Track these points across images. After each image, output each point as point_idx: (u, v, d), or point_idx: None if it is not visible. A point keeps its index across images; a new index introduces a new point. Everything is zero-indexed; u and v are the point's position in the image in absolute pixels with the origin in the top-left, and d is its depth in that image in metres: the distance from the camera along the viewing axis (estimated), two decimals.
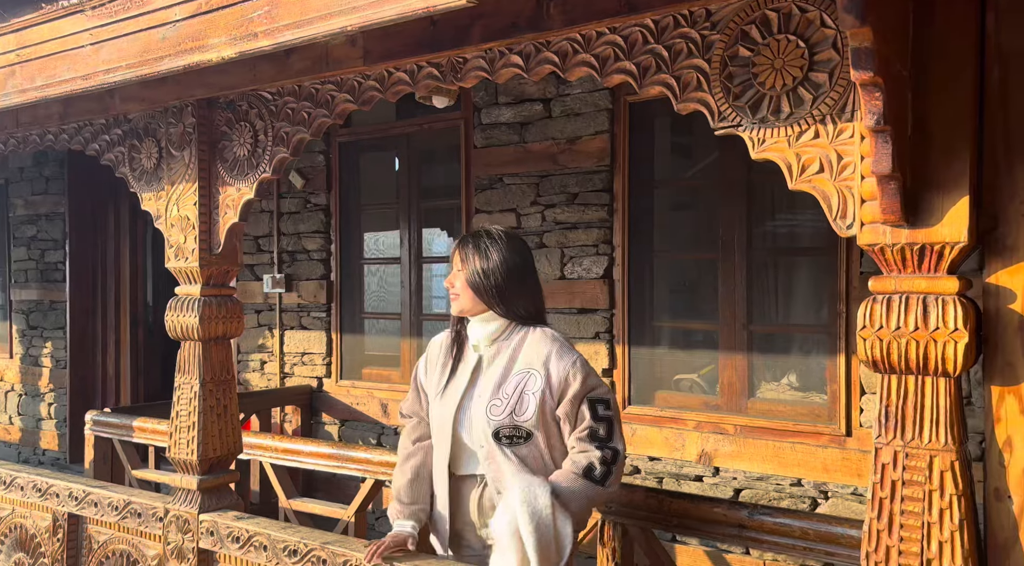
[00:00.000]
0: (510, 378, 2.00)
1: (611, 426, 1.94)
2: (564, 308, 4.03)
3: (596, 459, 1.90)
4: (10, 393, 6.92)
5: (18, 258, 6.78)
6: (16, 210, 6.78)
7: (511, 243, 2.09)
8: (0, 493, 3.18)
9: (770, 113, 1.64)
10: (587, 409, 1.94)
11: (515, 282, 2.05)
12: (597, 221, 3.95)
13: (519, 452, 1.96)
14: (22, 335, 6.78)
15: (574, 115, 4.01)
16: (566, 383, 1.95)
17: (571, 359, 1.99)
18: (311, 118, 2.36)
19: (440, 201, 4.79)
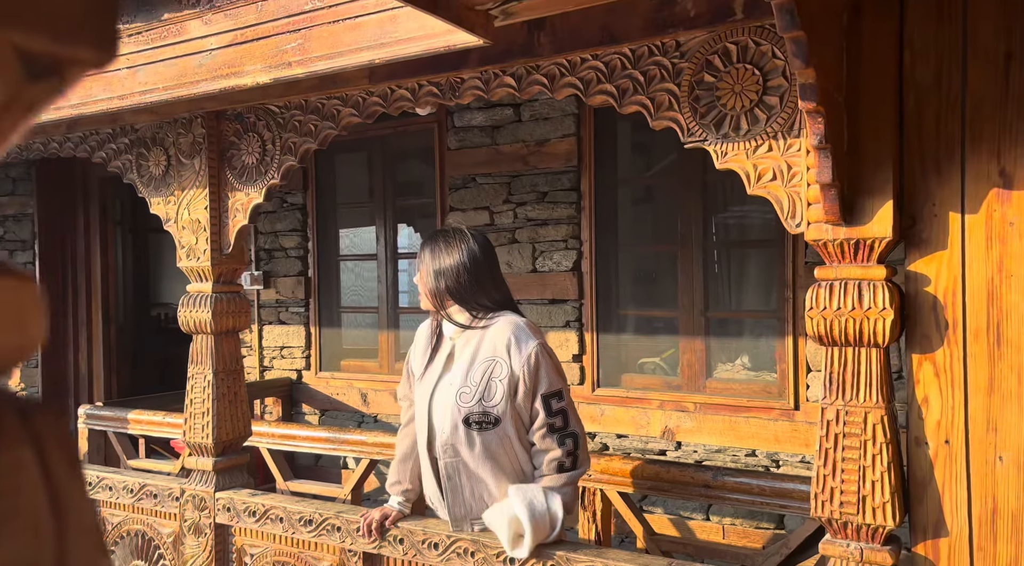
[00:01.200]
0: (476, 365, 2.14)
1: (566, 416, 2.12)
2: (536, 299, 4.33)
3: (561, 454, 2.10)
4: None
5: None
6: None
7: (466, 242, 2.21)
8: None
9: (731, 130, 1.95)
10: (541, 406, 2.10)
11: (469, 281, 2.18)
12: (566, 218, 4.25)
13: (486, 437, 2.11)
14: None
15: (543, 119, 4.30)
16: (523, 375, 2.10)
17: (527, 351, 2.10)
18: (317, 130, 2.60)
19: (415, 199, 5.04)
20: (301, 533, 2.59)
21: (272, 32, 2.00)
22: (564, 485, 2.11)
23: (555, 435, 2.11)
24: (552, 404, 2.11)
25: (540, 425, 2.12)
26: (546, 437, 2.12)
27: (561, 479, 2.11)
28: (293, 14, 1.96)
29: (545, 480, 2.12)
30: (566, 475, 2.12)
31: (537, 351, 2.11)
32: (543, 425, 2.11)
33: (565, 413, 2.13)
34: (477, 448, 2.12)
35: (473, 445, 2.12)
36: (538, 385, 2.11)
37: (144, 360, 7.09)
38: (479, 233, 2.30)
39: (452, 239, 2.23)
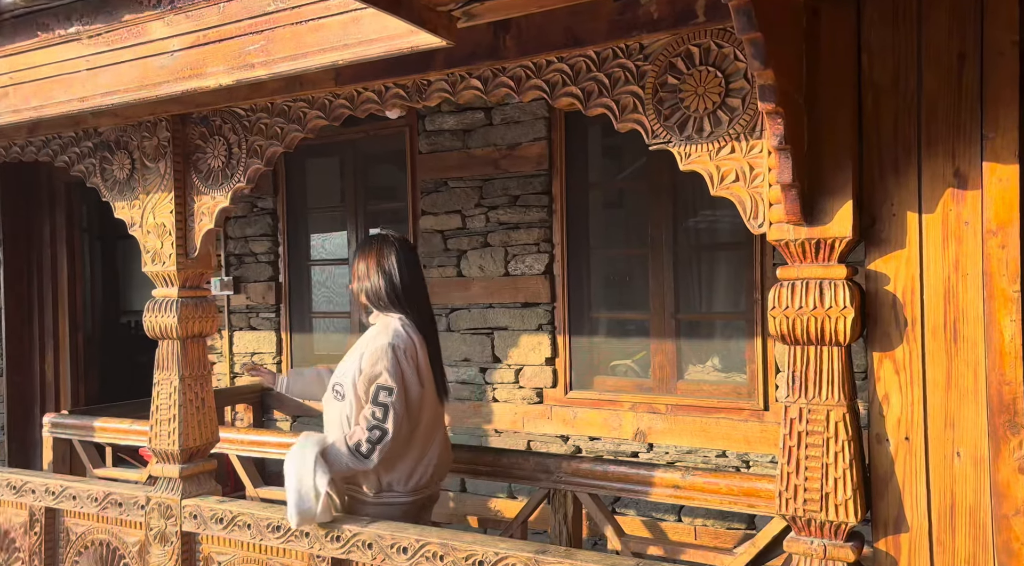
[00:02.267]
0: (355, 350, 2.52)
1: (387, 412, 2.35)
2: (509, 303, 4.33)
3: (364, 439, 2.35)
4: None
5: None
6: None
7: (364, 249, 2.62)
8: None
9: (694, 132, 1.96)
10: (372, 394, 2.37)
11: (363, 280, 2.58)
12: (538, 221, 4.26)
13: (336, 406, 2.49)
14: None
15: (514, 123, 4.31)
16: (364, 366, 2.40)
17: (373, 347, 2.41)
18: (284, 133, 2.58)
19: (387, 204, 5.02)
20: (269, 539, 2.56)
21: (235, 34, 1.99)
22: (345, 463, 2.37)
23: (372, 420, 2.36)
24: (380, 396, 2.36)
25: (366, 411, 2.38)
26: (365, 419, 2.37)
27: (344, 456, 2.36)
28: (256, 15, 1.95)
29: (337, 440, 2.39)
30: (353, 459, 2.36)
31: (385, 346, 2.40)
32: (368, 411, 2.37)
33: (387, 409, 2.35)
34: (331, 412, 2.54)
35: (331, 408, 2.53)
36: (377, 376, 2.37)
37: (113, 368, 6.98)
38: (402, 240, 2.65)
39: (373, 245, 2.60)
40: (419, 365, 2.47)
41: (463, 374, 4.47)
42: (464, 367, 4.47)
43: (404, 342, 2.44)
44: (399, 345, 2.42)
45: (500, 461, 2.98)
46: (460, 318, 4.47)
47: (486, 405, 4.41)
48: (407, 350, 2.43)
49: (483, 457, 3.01)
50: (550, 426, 4.25)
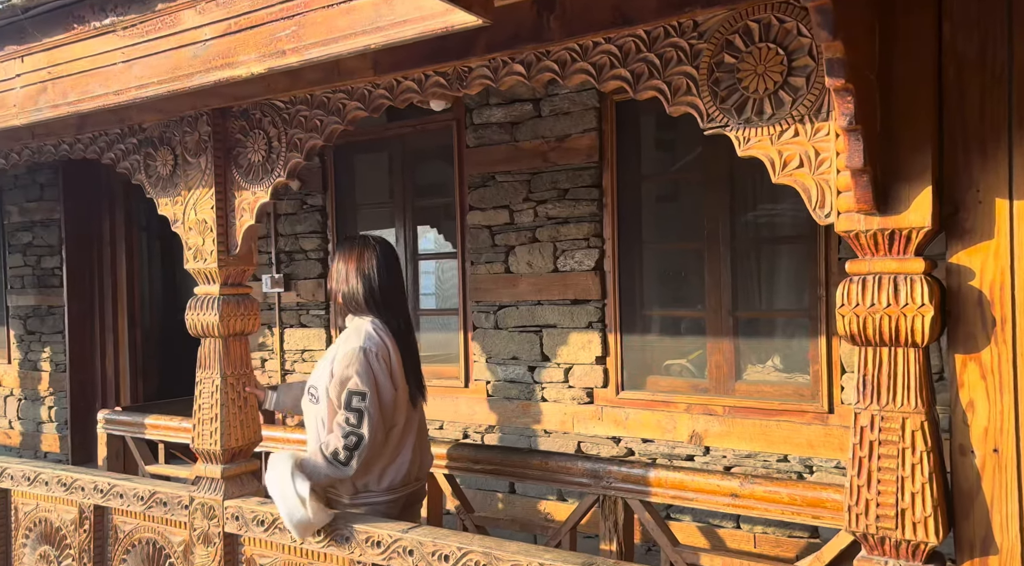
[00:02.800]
0: (328, 352, 2.51)
1: (361, 417, 2.31)
2: (558, 300, 4.21)
3: (341, 446, 2.31)
4: (9, 398, 7.00)
5: (14, 264, 6.86)
6: (11, 217, 6.86)
7: (343, 251, 2.58)
8: (24, 489, 3.31)
9: (754, 114, 1.81)
10: (344, 398, 2.33)
11: (341, 283, 2.54)
12: (587, 215, 4.12)
13: (312, 409, 2.48)
14: (20, 340, 6.86)
15: (563, 114, 4.18)
16: (335, 370, 2.37)
17: (346, 350, 2.37)
18: (323, 125, 2.51)
19: (434, 199, 4.94)
20: (310, 543, 2.49)
21: (266, 19, 1.92)
22: (323, 472, 2.33)
23: (345, 427, 2.31)
24: (352, 401, 2.32)
25: (339, 417, 2.34)
26: (339, 426, 2.33)
27: (321, 467, 2.33)
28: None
29: (311, 451, 2.38)
30: (331, 467, 2.32)
31: (356, 350, 2.36)
32: (341, 417, 2.33)
33: (361, 414, 2.31)
34: (307, 414, 2.54)
35: (308, 410, 2.53)
36: (347, 380, 2.34)
37: (171, 364, 7.09)
38: (382, 242, 2.60)
39: (353, 247, 2.56)
40: (392, 368, 2.42)
41: (511, 373, 4.37)
42: (512, 365, 4.36)
43: (375, 345, 2.40)
44: (370, 348, 2.38)
45: (548, 465, 2.87)
46: (508, 315, 4.37)
47: (535, 405, 4.30)
48: (379, 353, 2.39)
49: (530, 460, 2.90)
50: (601, 427, 4.12)
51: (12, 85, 2.43)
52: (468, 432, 4.53)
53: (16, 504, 3.37)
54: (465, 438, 4.54)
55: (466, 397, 4.53)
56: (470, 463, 3.00)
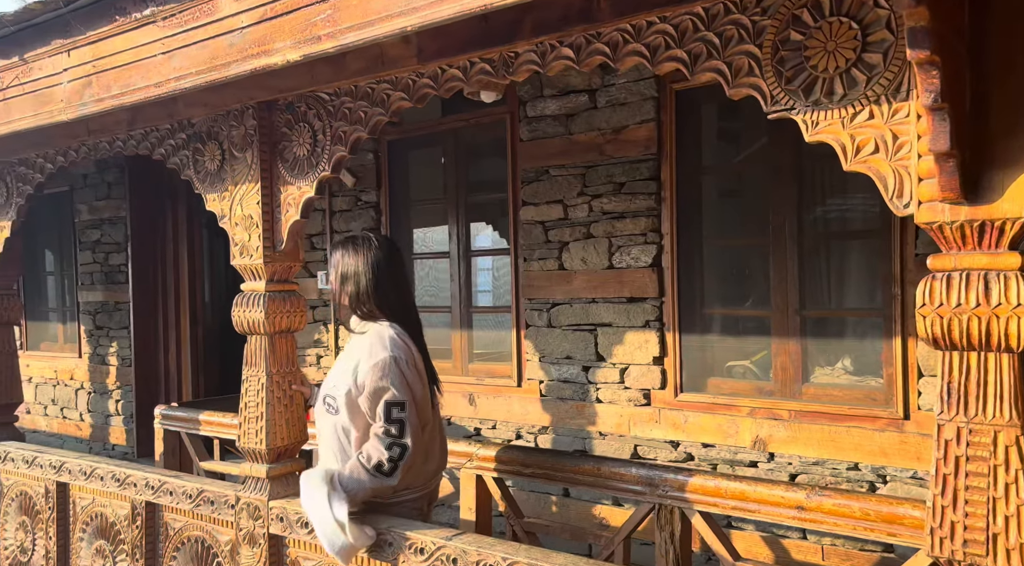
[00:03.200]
0: (345, 361, 2.44)
1: (403, 426, 2.26)
2: (613, 298, 4.06)
3: (385, 458, 2.25)
4: (80, 391, 7.20)
5: (84, 261, 7.05)
6: (81, 215, 7.05)
7: (348, 250, 2.49)
8: (81, 483, 3.35)
9: (823, 95, 1.65)
10: (382, 412, 2.27)
11: (368, 287, 2.44)
12: (645, 210, 3.97)
13: (329, 419, 2.42)
14: (89, 335, 7.05)
15: (619, 105, 4.03)
16: (364, 383, 2.30)
17: (373, 362, 2.29)
18: (368, 117, 2.43)
19: (487, 195, 4.85)
20: None
21: (301, 4, 1.84)
22: (364, 485, 2.27)
23: (387, 439, 2.26)
24: (392, 412, 2.26)
25: (377, 428, 2.29)
26: (378, 438, 2.28)
27: (365, 480, 2.27)
28: None
29: (351, 466, 2.30)
30: (374, 479, 2.27)
31: (384, 361, 2.29)
32: (379, 429, 2.28)
33: (403, 424, 2.26)
34: (324, 425, 2.48)
35: (325, 422, 2.47)
36: (384, 391, 2.27)
37: (231, 360, 7.18)
38: (385, 239, 2.53)
39: (359, 246, 2.47)
40: (419, 370, 2.40)
41: (564, 372, 4.24)
42: (566, 365, 4.24)
43: (403, 352, 2.36)
44: (400, 357, 2.33)
45: (601, 471, 2.74)
46: (561, 313, 4.24)
47: (589, 406, 4.16)
48: (408, 360, 2.35)
49: (582, 466, 2.78)
50: (658, 430, 3.96)
51: (59, 80, 2.43)
52: (521, 432, 4.43)
53: (74, 498, 3.42)
54: (518, 438, 4.44)
55: (519, 396, 4.42)
56: (520, 467, 2.90)
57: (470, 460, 3.03)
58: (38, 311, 7.71)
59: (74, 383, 7.24)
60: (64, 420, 7.34)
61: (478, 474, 3.00)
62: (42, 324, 7.69)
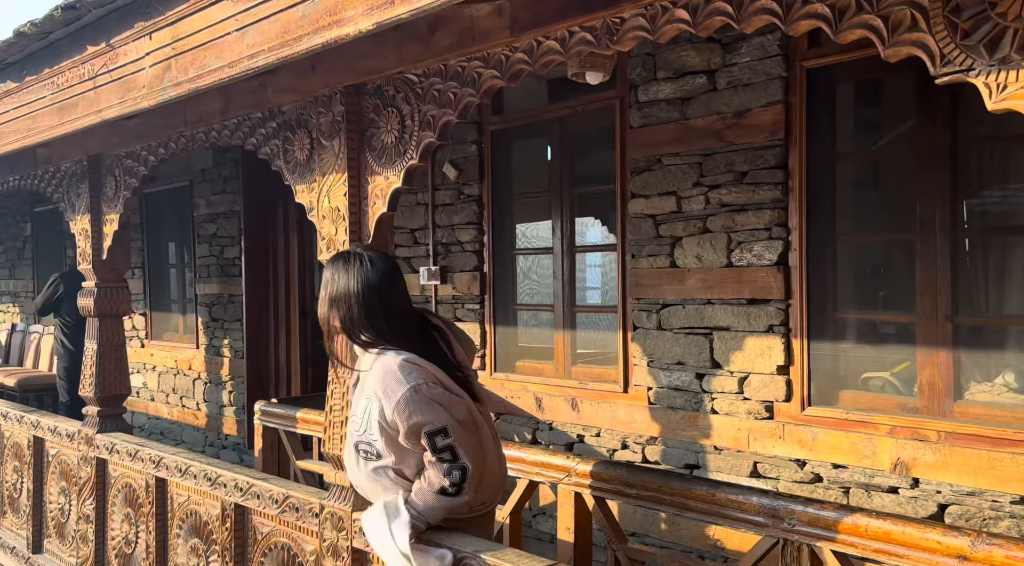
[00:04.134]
0: (362, 399, 2.20)
1: (454, 450, 2.06)
2: (731, 299, 3.70)
3: (448, 483, 2.06)
4: (197, 381, 7.43)
5: (201, 254, 7.25)
6: (199, 209, 7.25)
7: (339, 267, 2.21)
8: (177, 479, 3.32)
9: (1014, 51, 1.30)
10: (427, 444, 2.07)
11: (341, 311, 2.19)
12: (769, 202, 3.58)
13: (370, 466, 2.19)
14: (206, 326, 7.25)
15: (742, 86, 3.65)
16: (397, 423, 2.08)
17: (394, 402, 2.06)
18: (457, 99, 2.21)
19: (593, 187, 4.57)
20: None
21: None
22: (434, 506, 2.10)
23: (443, 465, 2.08)
24: (437, 441, 2.07)
25: (429, 457, 2.10)
26: (433, 465, 2.10)
27: (432, 502, 2.10)
28: None
29: (416, 489, 2.12)
30: (446, 499, 2.09)
31: (406, 397, 2.06)
32: (432, 458, 2.09)
33: (453, 448, 2.07)
34: (362, 472, 2.24)
35: (360, 469, 2.23)
36: (420, 426, 2.07)
37: None
38: (380, 256, 2.25)
39: (350, 264, 2.20)
40: (443, 381, 2.14)
41: (676, 379, 3.91)
42: (677, 371, 3.90)
43: (420, 375, 2.10)
44: (419, 384, 2.08)
45: (716, 497, 2.42)
46: (673, 315, 3.91)
47: (703, 417, 3.81)
48: (428, 380, 2.09)
49: (693, 489, 2.46)
50: (782, 447, 3.57)
51: (142, 65, 2.35)
52: (627, 442, 4.13)
53: (172, 494, 3.39)
54: (623, 448, 4.14)
55: (625, 403, 4.12)
56: (622, 486, 2.61)
57: (568, 475, 2.77)
58: (162, 302, 8.02)
59: (192, 373, 7.47)
60: (183, 409, 7.59)
61: (576, 491, 2.74)
62: (165, 315, 7.99)
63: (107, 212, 3.74)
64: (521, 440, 4.61)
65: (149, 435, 8.10)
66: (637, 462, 4.08)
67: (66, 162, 3.96)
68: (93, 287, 3.85)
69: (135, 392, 8.27)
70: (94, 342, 3.87)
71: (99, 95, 2.53)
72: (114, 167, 3.69)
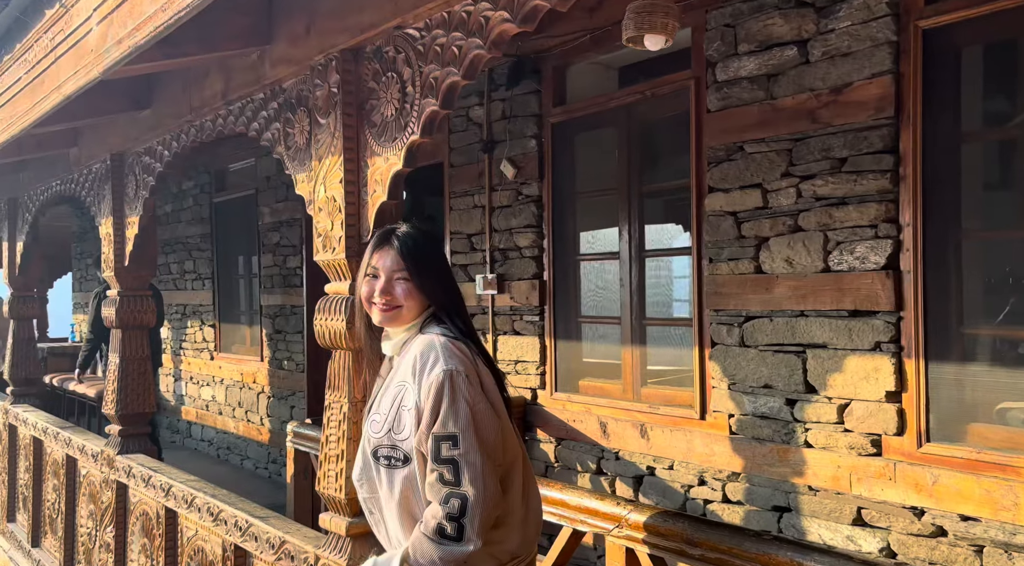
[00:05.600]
0: (389, 389, 1.73)
1: (458, 469, 1.58)
2: (829, 310, 3.08)
3: (443, 517, 1.58)
4: (261, 395, 7.22)
5: (266, 264, 7.06)
6: (264, 218, 7.06)
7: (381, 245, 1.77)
8: (184, 511, 2.97)
9: None
10: (431, 447, 1.60)
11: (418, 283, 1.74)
12: (875, 193, 2.96)
13: (396, 476, 1.68)
14: (269, 338, 7.04)
15: (840, 56, 3.05)
16: (425, 405, 1.62)
17: (431, 376, 1.62)
18: (463, 53, 1.76)
19: (666, 182, 4.03)
20: None
21: None
22: (433, 560, 1.57)
23: (442, 488, 1.60)
24: (441, 448, 1.60)
25: (429, 471, 1.62)
26: (431, 488, 1.62)
27: (428, 551, 1.58)
28: None
29: (412, 543, 1.61)
30: (439, 548, 1.57)
31: (443, 378, 1.61)
32: (431, 472, 1.61)
33: (456, 464, 1.59)
34: (384, 488, 1.73)
35: (382, 483, 1.72)
36: (433, 420, 1.61)
37: None
38: (425, 227, 1.84)
39: (390, 239, 1.75)
40: (485, 388, 1.65)
41: (762, 405, 3.30)
42: (763, 396, 3.30)
43: (463, 364, 1.64)
44: (459, 369, 1.62)
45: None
46: (758, 329, 3.31)
47: (795, 450, 3.19)
48: (470, 375, 1.62)
49: (777, 555, 1.89)
50: (893, 491, 2.92)
51: (90, 25, 2.01)
52: (704, 477, 3.54)
53: (182, 526, 3.05)
54: (701, 485, 3.56)
55: (702, 432, 3.54)
56: (683, 544, 2.07)
57: (618, 526, 2.24)
58: (230, 314, 7.88)
59: (256, 386, 7.27)
60: (248, 423, 7.40)
61: (628, 546, 2.21)
62: (233, 326, 7.85)
63: (128, 214, 3.47)
64: (584, 470, 4.08)
65: (217, 450, 7.97)
66: (717, 501, 3.49)
67: (95, 162, 3.73)
68: (116, 296, 3.58)
69: (204, 405, 8.17)
70: (116, 355, 3.60)
71: (59, 68, 2.21)
72: (134, 165, 3.42)
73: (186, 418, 8.55)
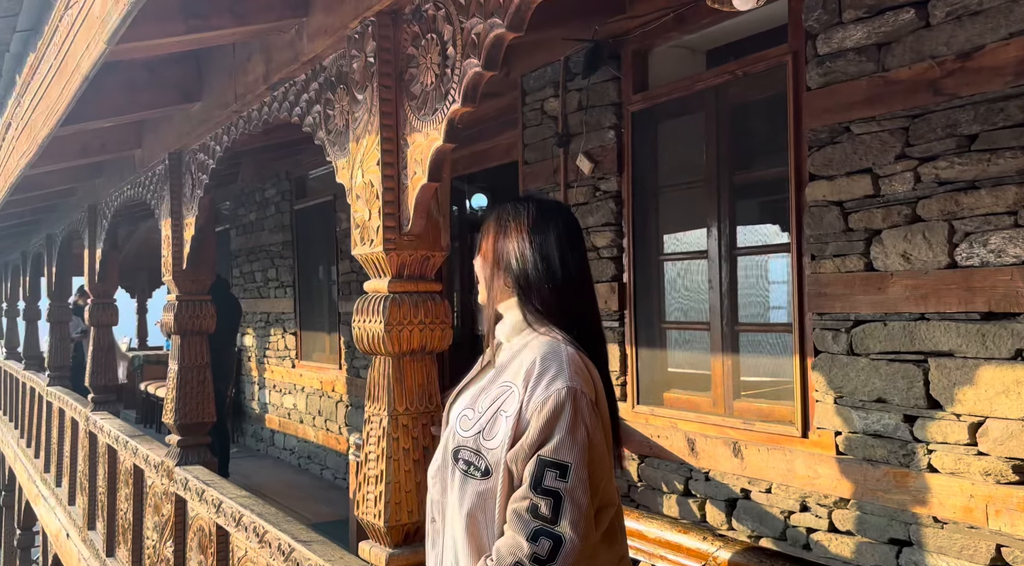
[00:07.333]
0: (492, 388, 1.46)
1: (559, 505, 1.31)
2: (956, 313, 2.63)
3: (526, 556, 1.30)
4: (339, 404, 7.12)
5: (343, 271, 6.97)
6: (341, 224, 6.98)
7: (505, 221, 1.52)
8: (232, 530, 2.78)
9: None
10: (530, 472, 1.33)
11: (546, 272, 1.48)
12: (1014, 174, 2.50)
13: (467, 489, 1.41)
14: (347, 346, 6.94)
15: (969, 16, 2.61)
16: (531, 420, 1.35)
17: (550, 391, 1.34)
18: None
19: (759, 172, 3.63)
20: None
21: None
22: None
23: (532, 521, 1.31)
24: (546, 476, 1.32)
25: (521, 497, 1.34)
26: (517, 518, 1.33)
27: None
28: None
29: None
30: None
31: (565, 396, 1.34)
32: (522, 499, 1.33)
33: (559, 499, 1.31)
34: (454, 495, 1.45)
35: (454, 488, 1.45)
36: (543, 441, 1.33)
37: None
38: (558, 206, 1.61)
39: (520, 215, 1.50)
40: (604, 418, 1.40)
41: (875, 422, 2.86)
42: (877, 412, 2.86)
43: (588, 386, 1.37)
44: (584, 391, 1.35)
45: None
46: (869, 335, 2.88)
47: (916, 475, 2.74)
48: (592, 398, 1.36)
49: None
50: None
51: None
52: (807, 503, 3.12)
53: (233, 546, 2.86)
54: (803, 511, 3.13)
55: (804, 452, 3.12)
56: None
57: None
58: (311, 322, 7.85)
59: (335, 395, 7.18)
60: (327, 432, 7.32)
61: None
62: (314, 334, 7.80)
63: (186, 215, 3.34)
64: (671, 490, 3.71)
65: (298, 459, 7.93)
66: (822, 530, 3.06)
67: (156, 163, 3.64)
68: (174, 300, 3.46)
69: (287, 414, 8.16)
70: (175, 363, 3.48)
71: (76, 46, 2.05)
72: (190, 164, 3.29)
73: (269, 426, 8.57)
